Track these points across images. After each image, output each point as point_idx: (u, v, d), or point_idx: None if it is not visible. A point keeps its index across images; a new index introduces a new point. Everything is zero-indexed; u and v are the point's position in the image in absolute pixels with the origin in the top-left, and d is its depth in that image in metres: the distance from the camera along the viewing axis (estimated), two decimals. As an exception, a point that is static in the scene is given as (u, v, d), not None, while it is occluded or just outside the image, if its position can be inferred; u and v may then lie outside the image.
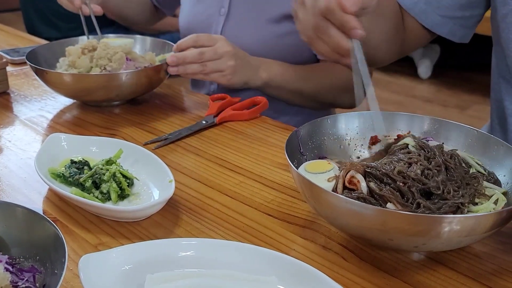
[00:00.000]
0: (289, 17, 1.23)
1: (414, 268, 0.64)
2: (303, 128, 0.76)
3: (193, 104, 1.16)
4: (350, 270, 0.64)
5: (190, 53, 1.06)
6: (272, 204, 0.77)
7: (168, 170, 0.78)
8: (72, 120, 1.06)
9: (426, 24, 1.00)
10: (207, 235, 0.70)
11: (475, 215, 0.59)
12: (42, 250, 0.56)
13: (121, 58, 1.06)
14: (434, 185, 0.64)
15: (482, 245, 0.67)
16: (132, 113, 1.09)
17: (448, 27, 1.00)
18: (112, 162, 0.79)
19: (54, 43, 1.21)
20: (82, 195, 0.75)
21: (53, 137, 0.86)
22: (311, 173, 0.70)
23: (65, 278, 0.61)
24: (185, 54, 1.06)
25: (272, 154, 0.92)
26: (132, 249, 0.59)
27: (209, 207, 0.76)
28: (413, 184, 0.64)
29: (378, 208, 0.60)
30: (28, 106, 1.12)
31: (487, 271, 0.63)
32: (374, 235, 0.61)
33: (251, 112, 1.07)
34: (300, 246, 0.68)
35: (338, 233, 0.70)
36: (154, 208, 0.71)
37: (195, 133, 1.00)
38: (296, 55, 1.27)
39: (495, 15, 0.94)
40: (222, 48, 1.08)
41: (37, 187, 0.81)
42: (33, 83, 1.24)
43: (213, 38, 1.09)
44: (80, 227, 0.71)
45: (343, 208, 0.61)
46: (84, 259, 0.56)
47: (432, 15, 0.99)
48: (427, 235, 0.58)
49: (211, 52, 1.07)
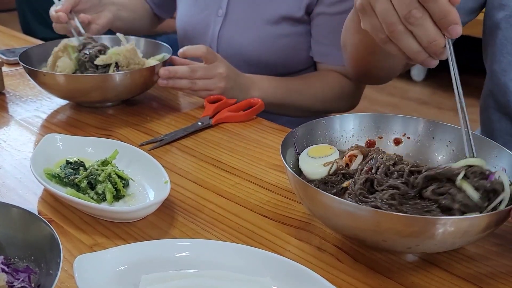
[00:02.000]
0: (287, 19, 1.23)
1: (409, 270, 0.64)
2: (299, 130, 0.77)
3: (189, 105, 1.16)
4: (344, 271, 0.64)
5: (181, 69, 1.07)
6: (267, 205, 0.77)
7: (164, 170, 0.78)
8: (68, 121, 1.06)
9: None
10: (202, 236, 0.70)
11: (469, 217, 0.59)
12: (37, 250, 0.56)
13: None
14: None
15: (476, 247, 0.67)
16: (127, 114, 1.09)
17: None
18: (107, 163, 0.79)
19: (47, 44, 1.20)
20: (77, 196, 0.74)
21: (48, 137, 0.86)
22: (311, 157, 0.71)
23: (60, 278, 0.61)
24: (176, 69, 1.07)
25: (268, 155, 0.92)
26: (127, 250, 0.59)
27: (204, 208, 0.76)
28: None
29: (372, 209, 0.60)
30: (23, 107, 1.12)
31: (481, 273, 0.64)
32: (368, 236, 0.61)
33: (247, 113, 1.07)
34: (295, 247, 0.68)
35: (333, 234, 0.70)
36: (149, 209, 0.71)
37: (191, 134, 1.00)
38: (293, 57, 1.28)
39: (489, 21, 0.95)
40: (215, 69, 1.09)
41: (32, 187, 0.80)
42: (29, 83, 1.24)
43: (215, 56, 1.10)
44: (75, 228, 0.71)
45: (337, 209, 0.61)
46: (79, 259, 0.56)
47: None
48: (421, 236, 0.58)
49: (202, 71, 1.08)
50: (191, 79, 1.07)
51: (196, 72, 1.07)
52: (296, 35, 1.25)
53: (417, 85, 3.67)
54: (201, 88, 1.09)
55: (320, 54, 1.26)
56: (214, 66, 1.09)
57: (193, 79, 1.07)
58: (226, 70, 1.10)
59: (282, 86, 1.21)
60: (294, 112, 1.26)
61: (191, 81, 1.08)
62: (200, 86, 1.08)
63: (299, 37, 1.25)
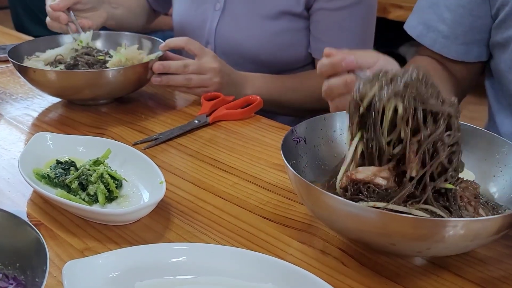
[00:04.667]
0: (286, 14, 1.20)
1: (417, 274, 0.62)
2: (299, 127, 0.74)
3: (185, 102, 1.13)
4: (349, 276, 0.61)
5: (174, 64, 1.05)
6: (267, 206, 0.74)
7: (159, 170, 0.75)
8: (59, 119, 1.03)
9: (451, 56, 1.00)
10: (200, 239, 0.68)
11: (482, 219, 0.57)
12: (23, 256, 0.53)
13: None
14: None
15: (487, 250, 0.65)
16: (121, 112, 1.06)
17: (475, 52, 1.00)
18: (99, 163, 0.77)
19: (37, 40, 1.18)
20: (68, 197, 0.72)
21: (38, 136, 0.83)
22: None
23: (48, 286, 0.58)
24: (170, 64, 1.05)
25: (267, 154, 0.89)
26: (120, 255, 0.57)
27: (201, 210, 0.74)
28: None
29: (380, 210, 0.57)
30: (13, 105, 1.09)
31: (493, 276, 0.61)
32: (375, 239, 0.59)
33: (245, 111, 1.04)
34: (297, 250, 0.66)
35: (337, 237, 0.68)
36: (144, 211, 0.69)
37: (187, 132, 0.97)
38: (291, 53, 1.26)
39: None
40: (208, 63, 1.07)
41: (21, 188, 0.77)
42: (19, 81, 1.20)
43: (202, 49, 1.08)
44: (66, 231, 0.69)
45: (342, 211, 0.58)
46: (69, 265, 0.53)
47: (453, 46, 1.00)
48: (431, 239, 0.55)
49: (195, 66, 1.06)
50: (184, 73, 1.05)
51: (189, 66, 1.06)
52: (295, 31, 1.23)
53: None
54: (196, 85, 1.07)
55: (319, 51, 1.24)
56: (206, 61, 1.07)
57: (186, 73, 1.05)
58: (219, 65, 1.08)
59: (277, 83, 1.19)
60: (289, 111, 1.24)
61: (186, 77, 1.06)
62: (196, 82, 1.06)
63: (298, 34, 1.23)
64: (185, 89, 1.08)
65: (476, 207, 0.61)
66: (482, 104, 1.08)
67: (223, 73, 1.08)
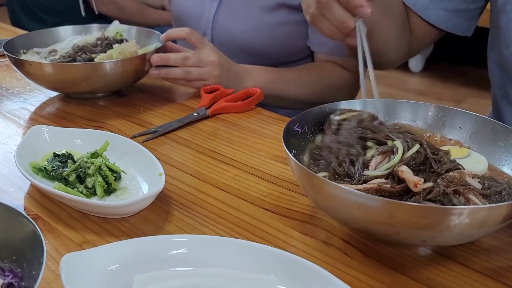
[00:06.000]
0: (284, 6, 1.19)
1: (422, 264, 0.60)
2: (301, 117, 0.73)
3: (184, 95, 1.11)
4: (353, 267, 0.60)
5: (174, 56, 1.04)
6: (268, 198, 0.73)
7: (158, 163, 0.74)
8: (56, 113, 1.02)
9: (429, 19, 0.98)
10: (200, 231, 0.66)
11: (488, 206, 0.56)
12: (19, 249, 0.52)
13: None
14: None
15: (493, 239, 0.64)
16: (119, 105, 1.05)
17: (453, 21, 0.98)
18: (97, 155, 0.75)
19: (32, 33, 1.16)
20: (65, 190, 0.71)
21: (35, 129, 0.82)
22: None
23: (46, 279, 0.57)
24: (169, 56, 1.04)
25: (268, 145, 0.88)
26: (119, 247, 0.56)
27: (202, 202, 0.72)
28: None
29: (384, 199, 0.56)
30: (10, 98, 1.07)
31: (500, 266, 0.60)
32: (379, 228, 0.58)
33: (245, 103, 1.03)
34: (300, 242, 0.65)
35: (340, 227, 0.66)
36: (143, 203, 0.68)
37: (186, 125, 0.96)
38: (289, 45, 1.24)
39: (494, 6, 0.92)
40: (207, 56, 1.05)
41: (17, 182, 0.76)
42: (16, 75, 1.19)
43: (203, 41, 1.07)
44: (64, 224, 0.67)
45: (345, 200, 0.57)
46: (66, 258, 0.52)
47: (435, 9, 0.97)
48: (437, 227, 0.54)
49: (194, 58, 1.05)
50: (184, 66, 1.04)
51: (188, 59, 1.04)
52: (294, 23, 1.21)
53: (415, 76, 3.63)
54: (196, 78, 1.05)
55: (317, 44, 1.22)
56: (205, 53, 1.05)
57: (186, 66, 1.04)
58: (218, 58, 1.06)
59: (277, 76, 1.17)
60: (289, 104, 1.23)
61: (185, 70, 1.04)
62: (195, 75, 1.05)
63: (297, 26, 1.22)
64: (184, 82, 1.07)
65: (464, 193, 0.60)
66: (483, 97, 1.07)
67: (222, 66, 1.07)
